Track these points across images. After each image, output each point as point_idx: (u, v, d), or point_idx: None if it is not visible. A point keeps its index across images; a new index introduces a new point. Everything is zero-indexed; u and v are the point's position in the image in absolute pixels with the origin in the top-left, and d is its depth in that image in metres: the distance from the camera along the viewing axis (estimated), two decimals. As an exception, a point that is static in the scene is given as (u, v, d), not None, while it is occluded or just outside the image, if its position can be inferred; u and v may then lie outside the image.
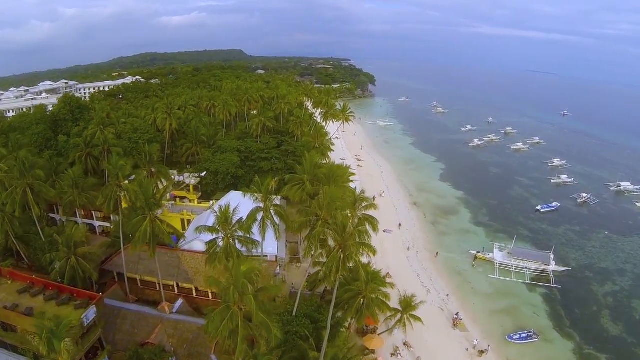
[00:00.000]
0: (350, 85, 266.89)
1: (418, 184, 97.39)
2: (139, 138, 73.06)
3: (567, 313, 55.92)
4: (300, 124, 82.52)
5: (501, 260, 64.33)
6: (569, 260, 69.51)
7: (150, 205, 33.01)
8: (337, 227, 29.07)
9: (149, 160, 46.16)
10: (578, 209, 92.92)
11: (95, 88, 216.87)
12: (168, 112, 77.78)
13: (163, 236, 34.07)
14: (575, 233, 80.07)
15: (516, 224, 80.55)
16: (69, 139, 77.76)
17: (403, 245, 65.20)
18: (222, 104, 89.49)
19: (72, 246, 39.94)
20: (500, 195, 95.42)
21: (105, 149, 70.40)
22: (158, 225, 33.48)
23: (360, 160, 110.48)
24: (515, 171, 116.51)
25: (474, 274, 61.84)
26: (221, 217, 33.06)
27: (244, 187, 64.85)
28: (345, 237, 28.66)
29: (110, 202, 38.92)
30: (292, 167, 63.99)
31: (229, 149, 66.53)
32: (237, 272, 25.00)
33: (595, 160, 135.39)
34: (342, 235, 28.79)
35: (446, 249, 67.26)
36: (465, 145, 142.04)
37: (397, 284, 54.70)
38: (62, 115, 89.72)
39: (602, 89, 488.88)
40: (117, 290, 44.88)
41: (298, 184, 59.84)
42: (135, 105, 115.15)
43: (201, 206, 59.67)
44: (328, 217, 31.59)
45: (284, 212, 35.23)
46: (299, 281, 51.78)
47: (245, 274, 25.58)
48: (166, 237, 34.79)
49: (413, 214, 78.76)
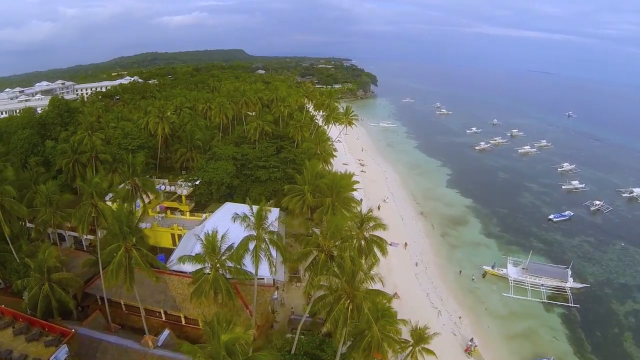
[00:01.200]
0: (351, 85, 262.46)
1: (424, 191, 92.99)
2: (129, 144, 68.78)
3: (587, 336, 51.72)
4: (300, 128, 78.13)
5: (516, 277, 60.02)
6: (585, 275, 65.31)
7: (124, 233, 28.63)
8: (345, 273, 24.69)
9: (132, 172, 41.84)
10: (591, 217, 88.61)
11: (93, 88, 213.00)
12: (160, 115, 73.39)
13: (141, 269, 29.67)
14: (591, 245, 75.77)
15: (529, 235, 76.26)
16: (57, 145, 73.77)
17: (411, 261, 60.88)
18: (218, 107, 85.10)
19: (45, 271, 35.65)
20: (510, 202, 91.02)
21: (92, 155, 66.40)
22: (135, 257, 29.09)
23: (363, 165, 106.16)
24: (525, 176, 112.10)
25: (488, 292, 57.52)
26: (207, 246, 28.80)
27: (239, 198, 60.84)
28: (355, 285, 24.36)
29: (84, 224, 34.64)
30: (292, 176, 59.75)
31: (224, 156, 62.13)
32: (217, 345, 19.86)
33: (604, 164, 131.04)
34: (351, 283, 24.48)
35: (457, 264, 62.91)
36: (472, 148, 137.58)
37: (406, 305, 50.61)
38: (50, 119, 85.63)
39: (604, 89, 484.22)
40: (98, 318, 40.53)
41: (298, 195, 55.81)
42: (129, 108, 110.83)
43: (193, 219, 55.39)
44: (332, 249, 27.36)
45: (281, 241, 30.82)
46: (300, 303, 47.69)
47: (228, 344, 20.30)
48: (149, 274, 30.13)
49: (420, 225, 74.35)
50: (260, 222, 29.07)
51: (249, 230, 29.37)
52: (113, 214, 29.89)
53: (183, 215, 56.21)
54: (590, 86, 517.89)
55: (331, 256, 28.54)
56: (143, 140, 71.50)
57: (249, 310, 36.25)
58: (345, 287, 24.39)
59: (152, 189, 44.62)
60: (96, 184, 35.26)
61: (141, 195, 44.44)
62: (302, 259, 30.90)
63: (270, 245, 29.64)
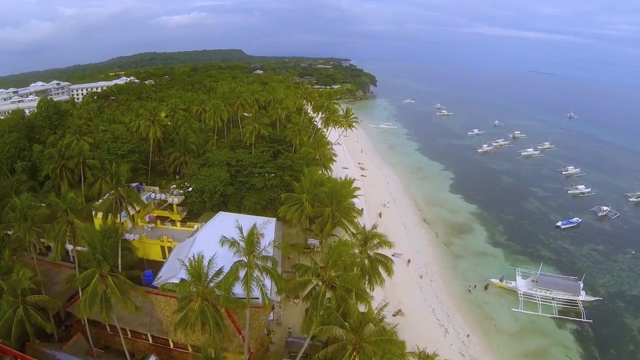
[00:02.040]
0: (351, 86, 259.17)
1: (427, 196, 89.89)
2: (119, 149, 65.53)
3: (602, 354, 48.88)
4: (298, 132, 74.97)
5: (525, 290, 57.03)
6: (597, 287, 62.39)
7: (97, 260, 25.39)
8: (352, 323, 21.50)
9: (116, 182, 38.61)
10: (599, 224, 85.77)
11: (88, 89, 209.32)
12: (152, 119, 70.13)
13: (119, 301, 26.25)
14: (600, 253, 72.88)
15: (536, 243, 73.31)
16: (44, 149, 70.53)
17: (415, 273, 57.75)
18: (213, 109, 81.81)
19: (19, 294, 32.45)
20: (516, 208, 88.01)
21: (80, 161, 63.19)
22: (111, 286, 25.82)
23: (364, 169, 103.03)
24: (529, 180, 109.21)
25: (496, 307, 54.48)
26: (193, 273, 25.66)
27: (234, 206, 57.71)
28: (363, 337, 21.19)
29: (59, 244, 31.39)
30: (290, 184, 56.59)
31: (217, 162, 58.86)
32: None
33: (609, 167, 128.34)
34: (359, 334, 21.33)
35: (463, 276, 59.87)
36: (474, 151, 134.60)
37: (411, 322, 47.60)
38: (38, 121, 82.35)
39: (604, 90, 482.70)
40: (79, 341, 37.36)
41: (296, 204, 52.69)
42: (121, 110, 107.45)
43: (184, 230, 52.23)
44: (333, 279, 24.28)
45: (276, 267, 27.56)
46: (298, 321, 44.51)
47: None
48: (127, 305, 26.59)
49: (423, 233, 71.21)
50: (251, 247, 25.95)
51: (239, 255, 26.27)
52: (86, 236, 26.57)
53: (174, 226, 52.98)
54: (589, 87, 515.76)
55: (332, 287, 25.42)
56: (134, 145, 68.29)
57: (242, 335, 33.16)
58: (352, 337, 21.24)
59: (137, 200, 41.37)
60: (71, 200, 32.01)
61: (126, 207, 41.27)
62: (299, 288, 27.82)
63: (264, 272, 26.50)
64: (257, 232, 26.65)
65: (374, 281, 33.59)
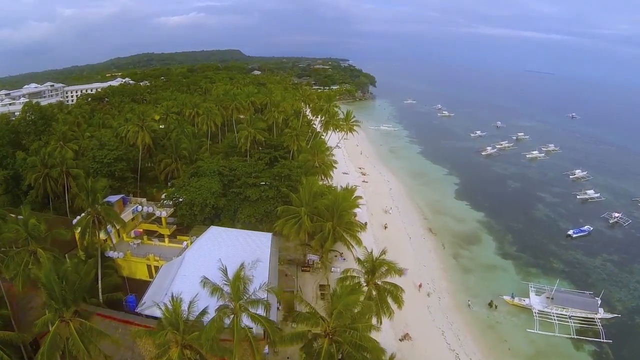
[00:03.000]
0: (350, 86, 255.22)
1: (432, 204, 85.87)
2: (105, 156, 61.43)
3: (625, 379, 45.25)
4: (296, 137, 70.92)
5: (540, 309, 53.20)
6: (613, 302, 58.61)
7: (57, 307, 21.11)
8: None
9: (92, 200, 34.51)
10: (611, 231, 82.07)
11: (82, 91, 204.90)
12: (140, 124, 66.09)
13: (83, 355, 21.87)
14: (615, 264, 69.12)
15: (547, 254, 69.48)
16: (28, 157, 66.49)
17: (422, 291, 53.82)
18: (206, 113, 77.75)
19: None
20: (524, 216, 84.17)
21: (63, 170, 59.22)
22: (74, 338, 21.27)
23: (365, 175, 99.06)
24: (536, 185, 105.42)
25: (510, 327, 50.60)
26: (169, 319, 21.60)
27: (227, 219, 53.74)
28: None
29: (19, 278, 27.36)
30: (287, 195, 52.59)
31: (208, 172, 54.78)
32: None
33: (616, 170, 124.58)
34: None
35: (473, 293, 55.95)
36: (478, 154, 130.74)
37: (419, 348, 43.81)
38: (22, 127, 78.30)
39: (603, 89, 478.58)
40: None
41: (294, 218, 48.82)
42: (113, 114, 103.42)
43: (173, 246, 48.22)
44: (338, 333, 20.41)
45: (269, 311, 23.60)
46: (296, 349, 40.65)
47: None
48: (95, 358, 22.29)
49: (430, 245, 67.22)
50: (237, 294, 21.96)
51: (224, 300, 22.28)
52: (42, 278, 22.39)
53: (162, 242, 48.91)
54: (589, 86, 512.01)
55: (336, 342, 21.45)
56: (121, 152, 64.15)
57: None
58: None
59: (117, 219, 37.32)
60: (33, 227, 27.94)
61: (105, 226, 37.31)
62: (295, 341, 23.91)
63: (253, 321, 22.55)
64: (245, 276, 22.68)
65: (381, 312, 29.74)
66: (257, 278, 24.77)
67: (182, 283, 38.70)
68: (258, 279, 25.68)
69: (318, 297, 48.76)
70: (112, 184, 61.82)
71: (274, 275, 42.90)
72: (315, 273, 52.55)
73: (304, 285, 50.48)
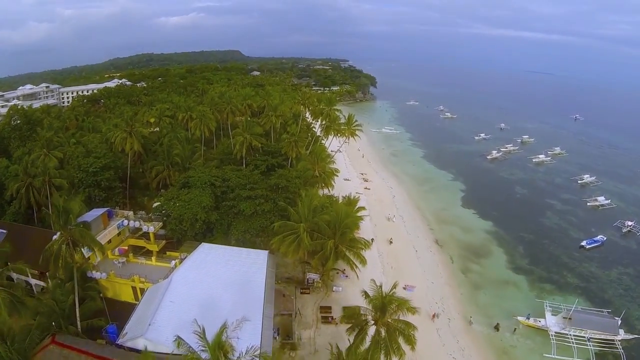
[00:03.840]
0: (350, 87, 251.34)
1: (437, 212, 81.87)
2: (91, 165, 57.53)
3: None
4: (295, 144, 67.07)
5: (557, 330, 49.37)
6: (632, 321, 54.70)
7: None
8: None
9: (64, 222, 30.62)
10: (625, 241, 78.30)
11: (78, 92, 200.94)
12: (129, 130, 62.24)
13: None
14: (631, 278, 65.27)
15: (561, 267, 65.63)
16: (11, 165, 62.77)
17: (430, 310, 49.82)
18: (199, 117, 73.85)
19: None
20: (534, 225, 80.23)
21: (46, 180, 55.41)
22: None
23: (367, 181, 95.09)
24: (544, 191, 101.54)
25: (525, 352, 46.71)
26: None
27: (220, 235, 49.87)
28: None
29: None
30: (285, 209, 48.71)
31: (199, 183, 50.85)
32: None
33: (625, 175, 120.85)
34: None
35: (485, 313, 52.04)
36: (483, 157, 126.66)
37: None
38: (6, 132, 74.44)
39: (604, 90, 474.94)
40: None
41: (292, 234, 45.02)
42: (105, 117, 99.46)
43: (160, 265, 44.36)
44: None
45: None
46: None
47: None
48: None
49: (437, 258, 63.22)
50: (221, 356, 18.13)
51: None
52: None
53: (148, 260, 45.02)
54: (590, 87, 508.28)
55: None
56: (109, 160, 60.25)
57: None
58: None
59: (92, 242, 33.34)
60: None
61: (81, 249, 33.53)
62: None
63: None
64: (227, 342, 18.88)
65: (392, 353, 25.95)
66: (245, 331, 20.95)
67: (167, 311, 35.08)
68: (245, 333, 21.84)
69: (319, 319, 44.95)
70: (99, 194, 58.23)
71: (269, 298, 39.14)
72: (316, 293, 48.66)
73: (304, 306, 46.60)
